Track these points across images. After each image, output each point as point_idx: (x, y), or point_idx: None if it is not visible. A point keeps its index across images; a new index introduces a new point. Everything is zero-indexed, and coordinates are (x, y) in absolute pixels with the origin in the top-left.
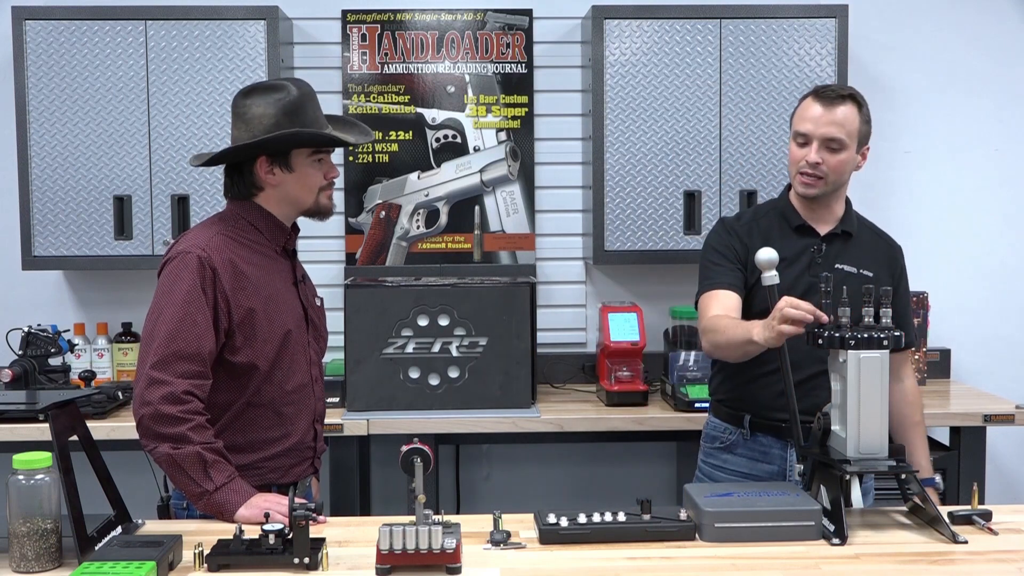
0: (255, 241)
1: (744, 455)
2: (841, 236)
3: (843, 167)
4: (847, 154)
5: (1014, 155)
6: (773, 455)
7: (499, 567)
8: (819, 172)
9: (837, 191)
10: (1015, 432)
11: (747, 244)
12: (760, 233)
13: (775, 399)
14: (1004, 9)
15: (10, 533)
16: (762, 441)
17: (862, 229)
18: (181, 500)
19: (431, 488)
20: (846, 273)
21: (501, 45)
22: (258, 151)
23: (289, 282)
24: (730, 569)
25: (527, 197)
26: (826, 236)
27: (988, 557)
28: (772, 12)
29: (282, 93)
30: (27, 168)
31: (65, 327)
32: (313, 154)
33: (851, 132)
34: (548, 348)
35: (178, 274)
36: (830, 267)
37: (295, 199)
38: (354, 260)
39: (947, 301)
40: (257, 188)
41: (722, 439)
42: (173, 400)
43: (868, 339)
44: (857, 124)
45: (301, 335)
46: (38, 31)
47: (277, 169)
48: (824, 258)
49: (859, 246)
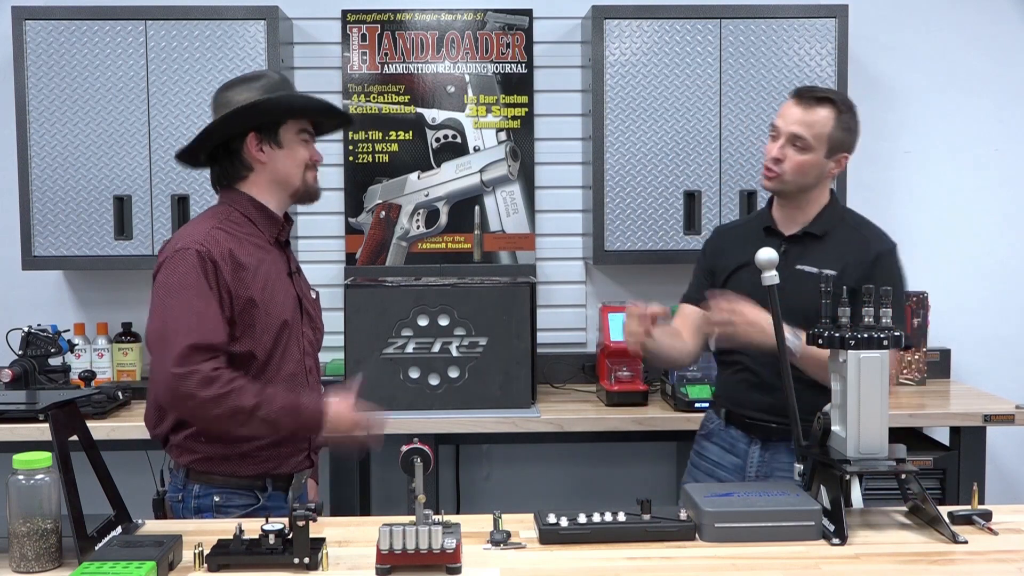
0: (249, 233)
1: (718, 444)
2: (805, 237)
3: (804, 168)
4: (812, 156)
5: (1014, 155)
6: (739, 449)
7: (499, 567)
8: (778, 168)
9: (805, 192)
10: (1015, 432)
11: (721, 250)
12: (736, 238)
13: (744, 395)
14: (1004, 9)
15: (10, 533)
16: (732, 434)
17: (841, 230)
18: (176, 493)
19: (431, 488)
20: (806, 274)
21: (501, 45)
22: (249, 125)
23: (284, 273)
24: (730, 569)
25: (527, 197)
26: (790, 237)
27: (988, 557)
28: (772, 12)
29: (263, 80)
30: (27, 168)
31: (65, 327)
32: (300, 132)
33: (819, 135)
34: (548, 348)
35: (180, 270)
36: (790, 268)
37: (284, 179)
38: (354, 260)
39: (947, 301)
40: (247, 169)
41: (706, 427)
42: (208, 382)
43: (868, 339)
44: (830, 128)
45: (296, 325)
46: (38, 31)
47: (267, 146)
48: (786, 259)
49: (827, 247)
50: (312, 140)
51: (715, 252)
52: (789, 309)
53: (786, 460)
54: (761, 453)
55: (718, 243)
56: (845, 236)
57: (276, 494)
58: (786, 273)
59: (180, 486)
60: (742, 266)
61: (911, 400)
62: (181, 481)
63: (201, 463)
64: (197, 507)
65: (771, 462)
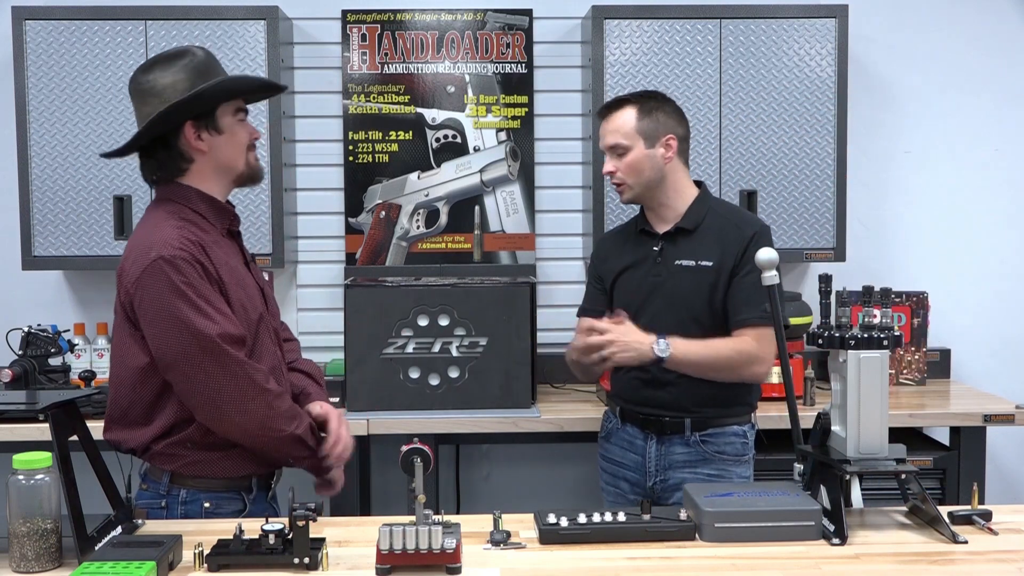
0: (205, 229)
1: (616, 444)
2: (678, 233)
3: (636, 166)
4: (635, 154)
5: (1014, 155)
6: (637, 445)
7: (499, 567)
8: (617, 179)
9: (660, 189)
10: (1015, 432)
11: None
12: (614, 243)
13: (637, 391)
14: (1004, 9)
15: (10, 533)
16: (629, 431)
17: (711, 219)
18: (158, 500)
19: (431, 488)
20: (684, 267)
21: (501, 45)
22: (185, 115)
23: (242, 264)
24: (730, 569)
25: (527, 197)
26: (664, 235)
27: (988, 557)
28: (772, 12)
29: (187, 58)
30: (27, 168)
31: (65, 327)
32: (237, 112)
33: (628, 133)
34: (548, 348)
35: (172, 279)
36: (671, 265)
37: (227, 164)
38: (354, 260)
39: (947, 301)
40: (187, 161)
41: (605, 427)
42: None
43: (868, 339)
44: (633, 123)
45: (266, 316)
46: (38, 31)
47: (205, 133)
48: (663, 257)
49: (699, 238)
50: (246, 117)
51: (600, 259)
52: (671, 305)
53: (681, 451)
54: (658, 447)
55: (601, 250)
56: (716, 224)
57: (260, 495)
58: (666, 271)
59: (163, 492)
60: (626, 268)
61: (911, 400)
62: (164, 487)
63: (189, 467)
64: (186, 513)
65: (667, 455)
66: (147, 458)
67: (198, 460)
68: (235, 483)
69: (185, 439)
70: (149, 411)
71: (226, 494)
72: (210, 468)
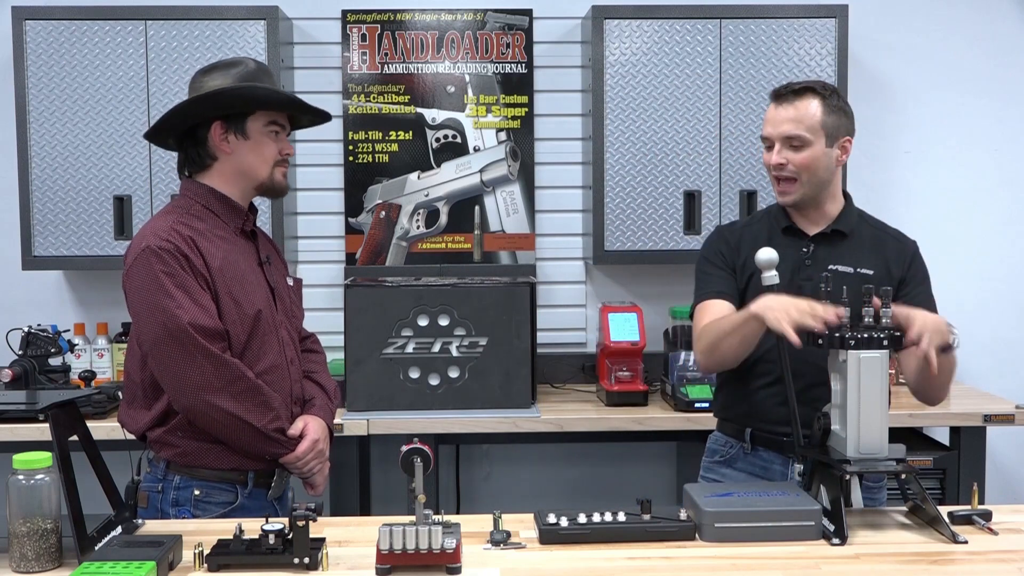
0: (212, 226)
1: (743, 469)
2: (833, 236)
3: (812, 163)
4: (814, 150)
5: (1014, 155)
6: (774, 471)
7: (499, 567)
8: (787, 172)
9: (823, 190)
10: (1015, 432)
11: (738, 248)
12: (751, 238)
13: (776, 411)
14: (1004, 9)
15: (10, 533)
16: (763, 456)
17: (862, 227)
18: (156, 484)
19: (431, 488)
20: (841, 273)
21: (501, 45)
22: (213, 112)
23: (254, 263)
24: (730, 569)
25: (527, 197)
26: (815, 237)
27: (988, 557)
28: (772, 12)
29: (240, 67)
30: (27, 168)
31: (65, 327)
32: (269, 124)
33: (812, 126)
34: (548, 348)
35: (154, 268)
36: (823, 268)
37: (249, 171)
38: (354, 260)
39: (947, 301)
40: (211, 158)
41: (722, 452)
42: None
43: (868, 339)
44: (820, 116)
45: (271, 315)
46: (38, 31)
47: (232, 136)
48: (814, 259)
49: (856, 245)
50: (284, 133)
51: (732, 248)
52: None
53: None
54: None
55: (732, 240)
56: (870, 234)
57: (257, 491)
58: (817, 274)
59: (160, 477)
60: None
61: (911, 400)
62: (161, 472)
63: (181, 456)
64: (176, 499)
65: None
66: (148, 445)
67: (189, 450)
68: (227, 475)
69: (176, 427)
70: (150, 396)
71: (218, 484)
72: (200, 458)
